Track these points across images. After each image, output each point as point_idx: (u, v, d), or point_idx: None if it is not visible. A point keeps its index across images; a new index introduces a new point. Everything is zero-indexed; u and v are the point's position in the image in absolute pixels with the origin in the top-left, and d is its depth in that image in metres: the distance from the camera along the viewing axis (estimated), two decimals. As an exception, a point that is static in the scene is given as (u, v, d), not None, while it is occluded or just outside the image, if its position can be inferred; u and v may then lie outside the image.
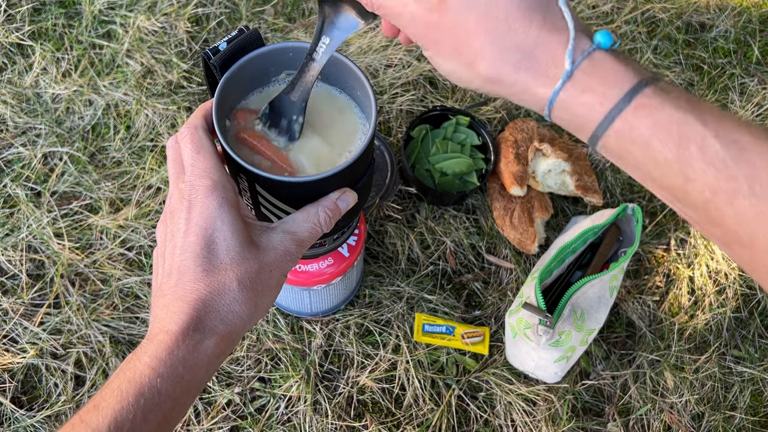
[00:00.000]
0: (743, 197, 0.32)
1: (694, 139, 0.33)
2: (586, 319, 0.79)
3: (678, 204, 0.35)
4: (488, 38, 0.36)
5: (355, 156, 0.50)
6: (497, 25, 0.36)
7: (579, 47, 0.35)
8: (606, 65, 0.35)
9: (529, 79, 0.36)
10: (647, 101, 0.34)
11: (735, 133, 0.32)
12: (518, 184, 0.94)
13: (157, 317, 0.44)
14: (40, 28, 1.08)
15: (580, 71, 0.35)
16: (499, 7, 0.36)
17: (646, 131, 0.34)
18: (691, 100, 0.34)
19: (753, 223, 0.32)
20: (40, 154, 0.97)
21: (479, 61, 0.37)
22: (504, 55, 0.36)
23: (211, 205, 0.45)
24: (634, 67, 0.36)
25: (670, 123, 0.33)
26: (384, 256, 0.95)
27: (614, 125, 0.35)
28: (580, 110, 0.36)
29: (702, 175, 0.33)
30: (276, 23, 1.12)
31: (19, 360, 0.84)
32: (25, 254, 0.90)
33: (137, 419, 0.40)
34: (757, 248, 0.33)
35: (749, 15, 1.20)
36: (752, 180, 0.32)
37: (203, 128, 0.49)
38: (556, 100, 0.36)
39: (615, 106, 0.35)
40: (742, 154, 0.32)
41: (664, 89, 0.35)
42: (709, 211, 0.33)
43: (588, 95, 0.35)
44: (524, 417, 0.85)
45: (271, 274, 0.46)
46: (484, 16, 0.36)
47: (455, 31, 0.37)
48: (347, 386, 0.86)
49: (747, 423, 0.87)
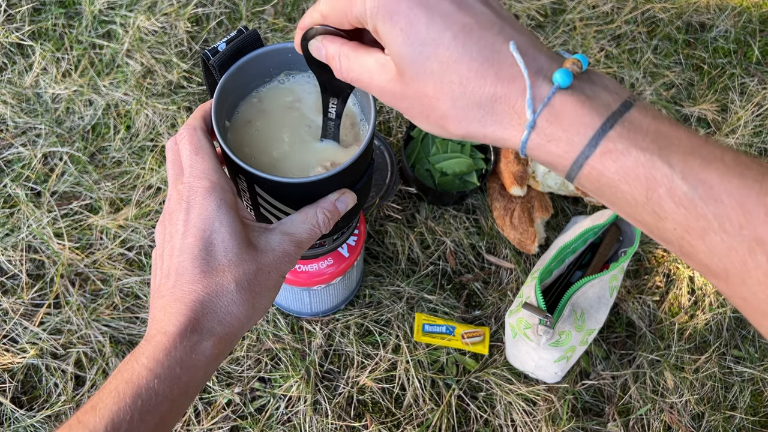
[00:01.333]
0: (714, 233, 0.32)
1: (662, 182, 0.33)
2: (586, 319, 0.79)
3: (654, 237, 0.36)
4: (449, 102, 0.37)
5: (354, 156, 0.50)
6: (453, 89, 0.36)
7: (537, 95, 0.35)
8: (567, 110, 0.35)
9: (497, 131, 0.37)
10: (612, 146, 0.34)
11: (702, 172, 0.33)
12: (518, 184, 0.94)
13: (155, 318, 0.44)
14: (40, 28, 1.08)
15: (542, 120, 0.35)
16: (451, 71, 0.36)
17: (614, 176, 0.34)
18: (659, 137, 0.34)
19: (725, 258, 0.33)
20: (40, 154, 0.98)
21: (447, 123, 0.38)
22: (468, 114, 0.37)
23: (209, 207, 0.45)
24: (599, 103, 0.35)
25: (636, 167, 0.33)
26: (384, 256, 0.95)
27: (583, 171, 0.35)
28: (550, 157, 0.36)
29: (672, 214, 0.33)
30: (276, 23, 1.12)
31: (19, 360, 0.84)
32: (25, 254, 0.91)
33: (134, 420, 0.40)
34: (731, 281, 0.33)
35: (749, 15, 1.20)
36: (721, 218, 0.32)
37: (202, 129, 0.49)
38: (526, 148, 0.36)
39: (581, 153, 0.35)
40: (710, 193, 0.32)
41: (631, 126, 0.34)
42: (683, 247, 0.34)
43: (554, 144, 0.35)
44: (524, 417, 0.85)
45: (269, 276, 0.46)
46: (440, 83, 0.37)
47: (419, 99, 0.38)
48: (347, 386, 0.86)
49: (747, 423, 0.87)
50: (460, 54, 0.36)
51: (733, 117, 1.09)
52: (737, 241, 0.32)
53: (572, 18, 1.16)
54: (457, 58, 0.36)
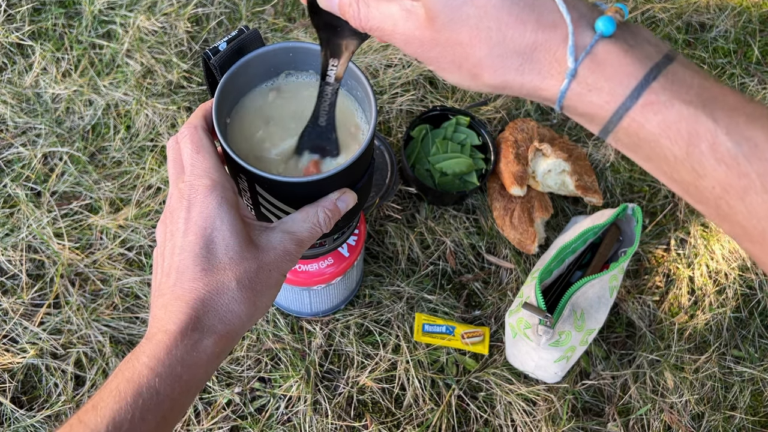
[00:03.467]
0: (755, 193, 0.31)
1: (705, 137, 0.32)
2: (586, 319, 0.79)
3: (689, 198, 0.35)
4: (485, 49, 0.35)
5: (355, 156, 0.50)
6: (491, 35, 0.35)
7: (580, 43, 0.34)
8: (610, 59, 0.34)
9: (535, 80, 0.36)
10: (655, 98, 0.33)
11: (747, 129, 0.32)
12: (518, 184, 0.94)
13: (156, 317, 0.44)
14: (40, 28, 1.08)
15: (584, 68, 0.34)
16: (489, 16, 0.35)
17: (655, 129, 0.33)
18: (703, 90, 0.33)
19: (764, 220, 0.32)
20: (40, 154, 0.98)
21: (482, 71, 0.36)
22: (505, 62, 0.35)
23: (210, 205, 0.45)
24: (642, 53, 0.34)
25: (679, 120, 0.32)
26: (384, 256, 0.95)
27: (622, 123, 0.34)
28: (589, 108, 0.35)
29: (713, 172, 0.32)
30: (276, 23, 1.12)
31: (19, 360, 0.84)
32: (25, 254, 0.91)
33: (135, 419, 0.40)
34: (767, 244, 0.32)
35: (749, 15, 1.20)
36: (765, 177, 0.31)
37: (203, 128, 0.49)
38: (564, 98, 0.35)
39: (622, 104, 0.34)
40: (754, 152, 0.31)
41: (674, 78, 0.33)
42: (720, 207, 0.33)
43: (594, 94, 0.34)
44: (524, 417, 0.85)
45: (270, 274, 0.46)
46: (476, 28, 0.35)
47: (451, 47, 0.37)
48: (347, 386, 0.86)
49: (747, 423, 0.87)
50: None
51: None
52: None
53: (572, 18, 1.16)
54: (496, 3, 0.34)
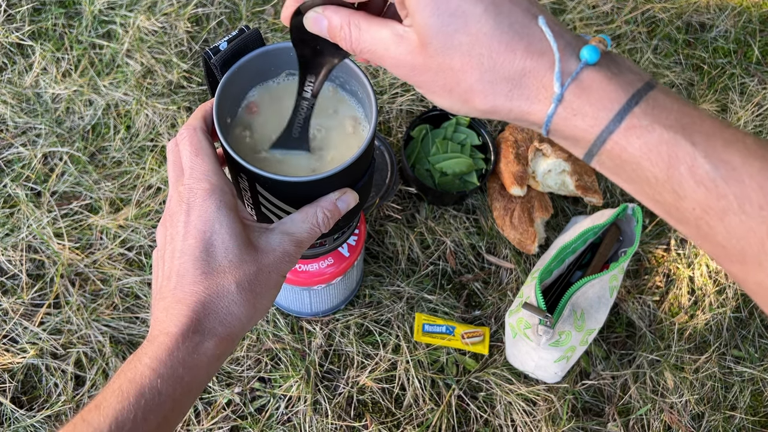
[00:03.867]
0: (733, 214, 0.32)
1: (684, 160, 0.33)
2: (586, 319, 0.79)
3: (671, 219, 0.36)
4: (476, 75, 0.37)
5: (355, 156, 0.50)
6: (482, 62, 0.36)
7: (566, 70, 0.36)
8: (595, 85, 0.35)
9: (523, 105, 0.37)
10: (637, 122, 0.34)
11: (724, 153, 0.33)
12: (518, 184, 0.94)
13: (158, 319, 0.44)
14: (40, 28, 1.08)
15: (569, 93, 0.36)
16: (481, 43, 0.36)
17: (637, 152, 0.34)
18: (682, 116, 0.34)
19: (743, 240, 0.33)
20: (40, 154, 0.98)
21: (473, 96, 0.38)
22: (495, 88, 0.37)
23: (209, 208, 0.45)
24: (624, 80, 0.36)
25: (659, 144, 0.34)
26: (384, 256, 0.95)
27: (606, 146, 0.35)
28: (574, 131, 0.36)
29: (692, 193, 0.33)
30: (276, 23, 1.12)
31: (19, 360, 0.84)
32: (25, 254, 0.91)
33: (138, 419, 0.40)
34: (747, 263, 0.33)
35: (749, 15, 1.20)
36: (742, 199, 0.32)
37: (202, 130, 0.49)
38: (551, 122, 0.36)
39: (606, 127, 0.35)
40: (732, 174, 0.32)
41: (655, 104, 0.35)
42: (701, 228, 0.34)
43: (579, 118, 0.36)
44: (524, 417, 0.85)
45: (270, 276, 0.46)
46: (468, 55, 0.36)
47: (443, 72, 0.38)
48: (347, 386, 0.86)
49: (747, 423, 0.87)
50: (492, 27, 0.36)
51: (733, 117, 1.09)
52: (757, 222, 0.32)
53: (572, 18, 1.16)
54: (488, 32, 0.36)
